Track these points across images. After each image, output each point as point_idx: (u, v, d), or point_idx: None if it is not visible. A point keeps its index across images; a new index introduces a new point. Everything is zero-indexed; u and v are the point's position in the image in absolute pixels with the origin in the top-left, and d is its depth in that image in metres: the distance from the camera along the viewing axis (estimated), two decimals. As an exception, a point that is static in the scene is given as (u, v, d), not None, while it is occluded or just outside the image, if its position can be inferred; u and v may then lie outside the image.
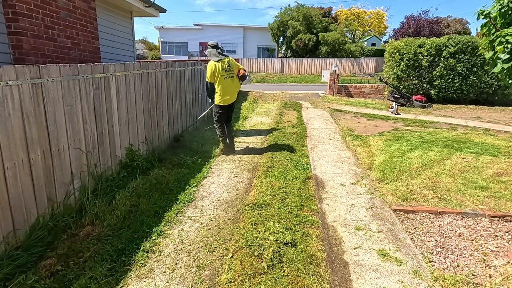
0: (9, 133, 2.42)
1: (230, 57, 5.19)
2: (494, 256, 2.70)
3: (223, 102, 5.11)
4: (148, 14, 8.50)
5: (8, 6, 3.76)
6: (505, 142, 6.34)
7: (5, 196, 2.40)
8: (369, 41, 43.23)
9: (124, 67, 4.02)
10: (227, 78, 5.02)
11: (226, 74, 5.02)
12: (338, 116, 9.53)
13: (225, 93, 5.06)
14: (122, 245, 2.69)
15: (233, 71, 5.13)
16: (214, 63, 4.94)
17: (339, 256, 2.68)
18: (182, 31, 36.21)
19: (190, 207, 3.50)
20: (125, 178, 3.97)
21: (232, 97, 5.22)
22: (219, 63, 4.94)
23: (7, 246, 2.43)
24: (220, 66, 4.93)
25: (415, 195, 3.82)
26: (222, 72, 4.95)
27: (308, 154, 5.45)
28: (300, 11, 30.81)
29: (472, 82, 11.67)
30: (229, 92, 5.12)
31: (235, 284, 2.27)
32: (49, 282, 2.24)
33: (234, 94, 5.26)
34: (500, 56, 2.67)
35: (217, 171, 4.66)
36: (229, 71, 5.06)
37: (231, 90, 5.15)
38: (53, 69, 2.85)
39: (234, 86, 5.20)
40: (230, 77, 5.07)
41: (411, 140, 6.31)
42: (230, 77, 5.07)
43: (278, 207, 3.42)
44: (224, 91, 5.05)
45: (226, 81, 5.02)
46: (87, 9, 5.11)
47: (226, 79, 5.02)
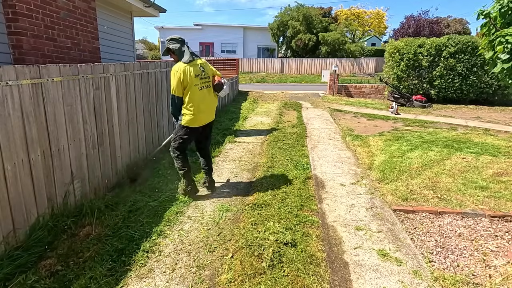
0: (9, 133, 2.42)
1: (203, 59, 3.70)
2: (494, 256, 2.70)
3: (195, 122, 3.47)
4: (148, 14, 8.50)
5: (8, 6, 3.76)
6: (505, 142, 6.34)
7: (5, 196, 2.40)
8: (369, 41, 43.22)
9: (124, 67, 4.02)
10: (202, 89, 3.45)
11: (201, 82, 3.45)
12: (338, 116, 9.53)
13: (198, 110, 3.43)
14: (122, 245, 2.69)
15: (209, 79, 3.58)
16: (184, 66, 3.33)
17: (339, 256, 2.68)
18: (182, 31, 36.15)
19: (190, 207, 3.50)
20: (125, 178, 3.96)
21: (208, 115, 3.62)
22: (190, 67, 3.35)
23: (7, 246, 2.43)
24: (192, 71, 3.34)
25: (415, 195, 3.82)
26: (195, 80, 3.36)
27: (308, 154, 5.45)
28: (300, 11, 30.82)
29: (472, 82, 11.68)
30: (205, 109, 3.51)
31: (235, 284, 2.27)
32: (49, 282, 2.24)
33: (211, 111, 3.66)
34: (500, 56, 2.67)
35: (217, 171, 4.65)
36: (205, 79, 3.50)
37: (207, 105, 3.55)
38: (53, 69, 2.85)
39: (211, 99, 3.61)
40: (206, 87, 3.52)
41: (411, 140, 6.31)
42: (206, 87, 3.52)
43: (278, 207, 3.42)
44: (198, 107, 3.42)
45: (201, 93, 3.43)
46: (87, 9, 5.11)
47: (201, 89, 3.44)
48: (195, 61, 3.43)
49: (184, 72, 3.30)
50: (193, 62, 3.40)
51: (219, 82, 3.64)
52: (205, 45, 36.06)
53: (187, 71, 3.31)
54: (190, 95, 3.36)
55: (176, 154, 3.58)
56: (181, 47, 3.42)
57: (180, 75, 3.30)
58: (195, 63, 3.42)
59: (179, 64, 3.35)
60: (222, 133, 6.82)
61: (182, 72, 3.29)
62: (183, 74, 3.30)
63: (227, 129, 7.27)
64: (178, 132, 3.53)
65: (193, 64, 3.39)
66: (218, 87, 3.64)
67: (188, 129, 3.48)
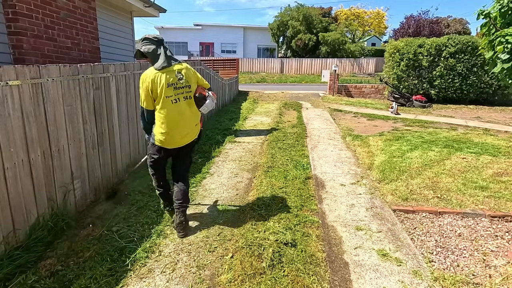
0: (9, 133, 2.42)
1: (185, 64, 2.90)
2: (494, 256, 2.70)
3: (168, 143, 2.83)
4: (148, 14, 8.50)
5: (8, 6, 3.76)
6: (505, 142, 6.34)
7: (5, 196, 2.40)
8: (369, 41, 43.23)
9: (124, 67, 4.02)
10: (177, 101, 2.75)
11: (177, 93, 2.75)
12: (338, 116, 9.53)
13: (172, 128, 2.77)
14: (122, 245, 2.70)
15: (189, 88, 2.84)
16: (154, 74, 2.69)
17: (339, 256, 2.68)
18: (182, 31, 36.21)
19: (190, 207, 3.50)
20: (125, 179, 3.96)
21: (187, 135, 2.88)
22: (162, 74, 2.70)
23: (7, 246, 2.43)
24: (163, 79, 2.68)
25: (415, 195, 3.82)
26: (167, 91, 2.70)
27: (308, 154, 5.45)
28: (300, 11, 30.84)
29: (472, 82, 11.68)
30: (182, 127, 2.82)
31: (235, 284, 2.27)
32: (49, 282, 2.24)
33: (190, 128, 2.89)
34: (500, 56, 2.67)
35: (217, 171, 4.65)
36: (183, 89, 2.79)
37: (185, 122, 2.83)
38: (53, 69, 2.85)
39: (191, 114, 2.87)
40: (184, 99, 2.80)
41: (411, 140, 6.31)
42: (184, 99, 2.80)
43: (278, 207, 3.42)
44: (171, 124, 2.76)
45: (175, 107, 2.75)
46: (87, 9, 5.11)
47: (176, 102, 2.75)
48: (170, 67, 2.74)
49: (154, 80, 2.68)
50: (167, 68, 2.72)
51: (198, 95, 2.87)
52: (205, 45, 36.08)
53: (157, 80, 2.68)
54: (161, 109, 2.73)
55: (151, 172, 3.10)
56: (156, 49, 2.76)
57: (148, 85, 2.69)
58: (170, 70, 2.73)
59: (149, 71, 2.73)
60: (222, 133, 6.82)
61: (150, 80, 2.68)
62: (151, 83, 2.68)
63: (227, 129, 7.28)
64: (149, 149, 2.97)
65: (167, 71, 2.71)
66: (198, 101, 2.87)
67: (160, 149, 2.88)
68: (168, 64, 2.74)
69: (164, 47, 2.79)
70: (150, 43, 2.77)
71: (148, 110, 2.79)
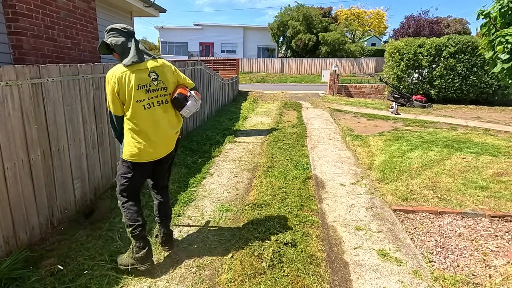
0: (9, 133, 2.42)
1: (162, 60, 2.42)
2: (494, 256, 2.70)
3: (142, 156, 2.30)
4: (148, 14, 8.50)
5: (8, 6, 3.76)
6: (505, 142, 6.34)
7: (5, 196, 2.40)
8: (369, 41, 43.24)
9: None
10: (151, 106, 2.28)
11: (150, 97, 2.28)
12: (338, 116, 9.53)
13: (146, 138, 2.29)
14: (123, 245, 2.69)
15: (166, 90, 2.36)
16: (121, 72, 2.21)
17: (339, 256, 2.68)
18: (182, 31, 36.22)
19: (190, 207, 3.50)
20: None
21: (164, 146, 2.41)
22: (132, 73, 2.22)
23: (7, 246, 2.42)
24: (133, 80, 2.21)
25: (415, 195, 3.82)
26: (138, 94, 2.22)
27: (308, 154, 5.45)
28: (300, 11, 30.84)
29: (472, 82, 11.68)
30: (159, 136, 2.34)
31: (235, 284, 2.27)
32: (49, 282, 2.24)
33: (169, 139, 2.42)
34: (500, 56, 2.67)
35: (217, 171, 4.65)
36: (158, 91, 2.31)
37: (160, 131, 2.34)
38: (53, 69, 2.85)
39: (168, 122, 2.39)
40: (161, 103, 2.33)
41: (411, 140, 6.31)
42: (161, 103, 2.33)
43: (278, 207, 3.42)
44: (145, 133, 2.28)
45: (149, 113, 2.27)
46: (87, 9, 5.11)
47: (150, 107, 2.28)
48: (143, 64, 2.26)
49: (121, 80, 2.19)
50: (138, 65, 2.24)
51: (178, 95, 2.36)
52: (205, 45, 36.08)
53: (124, 80, 2.19)
54: (132, 116, 2.24)
55: (121, 202, 2.40)
56: (126, 42, 2.27)
57: (113, 85, 2.20)
58: (141, 68, 2.25)
59: (116, 68, 2.25)
60: (222, 133, 6.82)
61: (117, 80, 2.19)
62: (118, 83, 2.19)
63: (227, 129, 7.28)
64: (119, 169, 2.40)
65: (138, 69, 2.23)
66: (178, 102, 2.37)
67: (132, 165, 2.33)
68: (140, 60, 2.24)
69: (136, 40, 2.32)
70: (118, 34, 2.28)
71: (117, 116, 2.29)
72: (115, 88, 2.21)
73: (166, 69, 2.39)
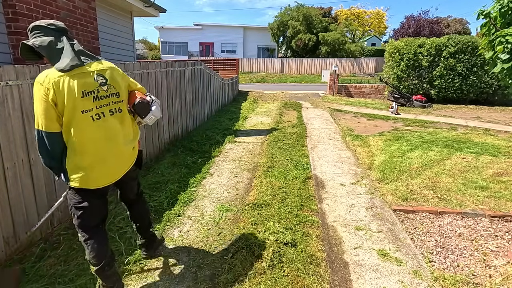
0: (9, 133, 2.42)
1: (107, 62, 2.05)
2: (494, 256, 2.70)
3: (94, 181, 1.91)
4: (148, 14, 8.50)
5: (8, 6, 3.77)
6: (505, 142, 6.34)
7: (5, 196, 2.40)
8: (369, 41, 43.24)
9: (124, 67, 4.01)
10: (100, 117, 1.89)
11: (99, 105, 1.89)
12: (338, 116, 9.53)
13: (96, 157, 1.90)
14: (123, 245, 2.69)
15: (118, 97, 1.99)
16: (58, 77, 1.76)
17: (339, 256, 2.68)
18: (182, 31, 36.22)
19: (190, 207, 3.50)
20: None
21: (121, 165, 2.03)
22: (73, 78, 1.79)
23: (7, 246, 2.43)
24: (76, 85, 1.79)
25: (415, 195, 3.82)
26: (84, 102, 1.82)
27: (308, 154, 5.45)
28: (300, 11, 30.84)
29: (472, 82, 11.68)
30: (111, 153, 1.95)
31: (235, 284, 2.27)
32: (49, 282, 2.24)
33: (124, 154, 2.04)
34: (500, 56, 2.67)
35: (217, 171, 4.65)
36: (108, 98, 1.93)
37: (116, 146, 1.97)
38: (53, 69, 2.84)
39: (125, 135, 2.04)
40: (112, 113, 1.95)
41: (411, 140, 6.31)
42: (112, 113, 1.95)
43: (278, 207, 3.42)
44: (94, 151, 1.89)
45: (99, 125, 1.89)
46: (87, 9, 5.11)
47: (99, 118, 1.89)
48: (84, 68, 1.85)
49: (58, 86, 1.75)
50: (79, 69, 1.82)
51: (142, 100, 2.10)
52: (205, 45, 36.08)
53: (63, 86, 1.75)
54: (76, 132, 1.81)
55: (83, 238, 2.01)
56: (54, 42, 1.83)
57: (47, 92, 1.74)
58: (84, 71, 1.84)
59: (49, 72, 1.78)
60: (222, 133, 6.82)
61: (52, 85, 1.74)
62: (55, 90, 1.74)
63: (227, 129, 7.28)
64: (70, 199, 1.97)
65: (79, 73, 1.82)
66: (142, 109, 2.10)
67: (84, 193, 1.92)
68: (80, 63, 1.83)
69: (69, 38, 1.89)
70: (42, 33, 1.82)
71: (50, 134, 1.79)
72: (49, 96, 1.73)
73: (116, 72, 2.02)
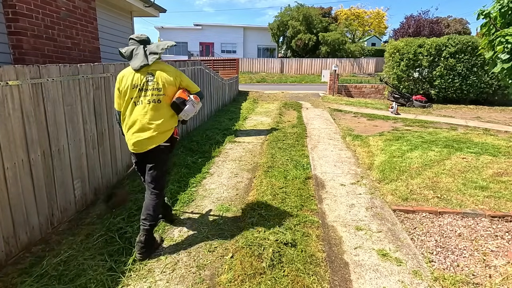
0: (9, 133, 2.42)
1: (165, 65, 2.68)
2: (494, 256, 2.70)
3: (128, 144, 2.63)
4: (148, 14, 8.50)
5: (8, 6, 3.76)
6: (505, 142, 6.34)
7: (5, 196, 2.40)
8: (369, 41, 43.22)
9: (124, 67, 4.01)
10: (139, 104, 2.54)
11: (140, 95, 2.54)
12: (338, 116, 9.53)
13: (128, 130, 2.59)
14: (124, 245, 2.69)
15: (160, 91, 2.55)
16: (123, 73, 2.62)
17: (339, 256, 2.68)
18: (182, 31, 36.20)
19: (190, 207, 3.50)
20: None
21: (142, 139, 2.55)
22: (131, 74, 2.56)
23: (7, 246, 2.43)
24: (130, 80, 2.54)
25: (415, 195, 3.82)
26: (132, 92, 2.54)
27: (308, 154, 5.45)
28: (300, 11, 30.83)
29: (472, 82, 11.68)
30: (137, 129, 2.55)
31: (235, 284, 2.27)
32: (49, 282, 2.24)
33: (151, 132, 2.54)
34: (500, 56, 2.67)
35: (217, 171, 4.65)
36: (150, 91, 2.54)
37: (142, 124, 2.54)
38: (53, 69, 2.85)
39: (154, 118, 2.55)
40: (148, 102, 2.53)
41: (411, 140, 6.31)
42: (148, 102, 2.53)
43: (278, 207, 3.41)
44: (128, 126, 2.59)
45: (136, 108, 2.56)
46: (87, 9, 5.11)
47: (138, 105, 2.55)
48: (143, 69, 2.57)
49: (121, 80, 2.59)
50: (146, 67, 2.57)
51: (176, 99, 2.58)
52: (205, 45, 36.07)
53: (124, 79, 2.58)
54: (124, 111, 2.61)
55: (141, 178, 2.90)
56: (134, 50, 2.63)
57: (116, 84, 2.63)
58: (142, 70, 2.57)
59: (124, 69, 2.68)
60: (222, 133, 6.82)
61: (119, 79, 2.61)
62: (119, 82, 2.60)
63: (227, 129, 7.28)
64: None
65: (140, 71, 2.56)
66: (174, 107, 2.60)
67: (131, 153, 2.73)
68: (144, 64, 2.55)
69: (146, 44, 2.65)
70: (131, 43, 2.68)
71: (118, 112, 2.68)
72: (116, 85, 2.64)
73: (165, 73, 2.60)
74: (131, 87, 2.55)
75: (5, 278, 2.26)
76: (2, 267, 2.36)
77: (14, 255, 2.48)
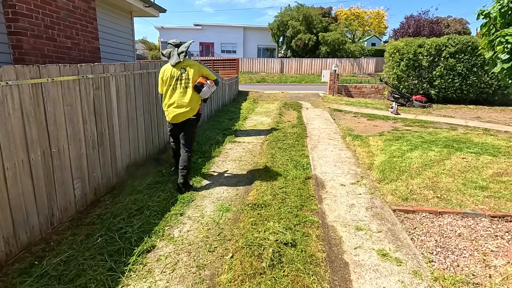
0: (9, 133, 2.42)
1: (191, 61, 3.94)
2: (494, 256, 2.70)
3: (169, 118, 3.90)
4: (148, 14, 8.50)
5: (8, 6, 3.76)
6: (505, 142, 6.34)
7: (5, 196, 2.40)
8: (369, 41, 43.22)
9: (124, 67, 4.01)
10: (175, 89, 3.81)
11: (176, 83, 3.80)
12: (338, 116, 9.53)
13: (168, 106, 3.87)
14: (124, 245, 2.69)
15: (189, 80, 3.80)
16: (165, 67, 3.86)
17: (339, 256, 2.68)
18: (182, 31, 36.18)
19: (190, 207, 3.50)
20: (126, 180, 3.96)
21: (181, 114, 3.81)
22: (169, 68, 3.81)
23: (7, 246, 2.43)
24: (169, 72, 3.79)
25: (415, 195, 3.82)
26: (170, 80, 3.79)
27: (308, 154, 5.45)
28: (300, 11, 30.82)
29: (472, 82, 11.68)
30: (174, 105, 3.82)
31: (235, 284, 2.27)
32: (49, 282, 2.24)
33: (183, 108, 3.80)
34: (500, 56, 2.67)
35: (217, 171, 4.65)
36: (183, 80, 3.79)
37: (178, 102, 3.81)
38: (53, 69, 2.85)
39: (184, 98, 3.79)
40: (181, 88, 3.80)
41: (411, 140, 6.31)
42: (181, 88, 3.80)
43: (278, 207, 3.42)
44: (168, 104, 3.87)
45: (173, 91, 3.82)
46: (87, 9, 5.11)
47: (175, 89, 3.81)
48: (182, 62, 3.82)
49: (163, 72, 3.85)
50: (179, 64, 3.81)
51: (198, 83, 3.83)
52: (205, 45, 36.06)
53: (164, 72, 3.83)
54: (165, 93, 3.87)
55: (170, 140, 4.25)
56: (172, 51, 3.87)
57: (161, 75, 3.89)
58: (177, 66, 3.81)
59: (166, 65, 3.91)
60: (222, 133, 6.82)
61: (161, 71, 3.88)
62: (161, 73, 3.87)
63: (227, 129, 7.28)
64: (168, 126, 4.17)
65: (176, 66, 3.81)
66: (197, 88, 3.83)
67: (168, 123, 4.03)
68: (178, 61, 3.79)
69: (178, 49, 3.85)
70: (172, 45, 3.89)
71: (161, 94, 3.94)
72: (162, 76, 3.86)
73: (193, 67, 3.83)
74: (170, 77, 3.79)
75: (5, 278, 2.26)
76: (2, 267, 2.36)
77: (14, 255, 2.48)
